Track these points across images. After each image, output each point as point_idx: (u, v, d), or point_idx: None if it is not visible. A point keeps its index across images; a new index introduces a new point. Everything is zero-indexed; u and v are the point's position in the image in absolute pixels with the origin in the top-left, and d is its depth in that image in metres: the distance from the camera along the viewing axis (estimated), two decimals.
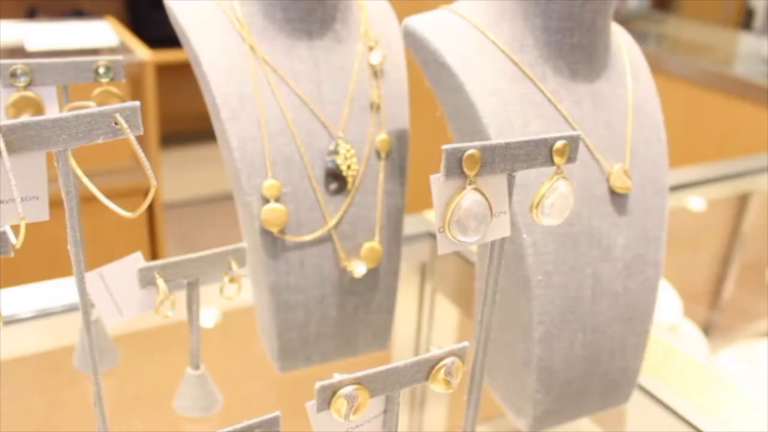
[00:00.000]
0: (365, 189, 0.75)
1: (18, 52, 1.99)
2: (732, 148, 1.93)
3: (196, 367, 0.72)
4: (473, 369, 0.60)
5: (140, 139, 0.51)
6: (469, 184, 0.51)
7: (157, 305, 0.67)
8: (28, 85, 0.69)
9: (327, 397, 0.47)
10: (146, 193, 2.22)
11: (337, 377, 0.48)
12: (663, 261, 0.73)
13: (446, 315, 1.03)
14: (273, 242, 0.72)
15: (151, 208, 2.19)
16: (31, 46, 1.89)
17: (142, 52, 2.00)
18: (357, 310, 0.77)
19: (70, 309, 0.89)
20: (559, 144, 0.54)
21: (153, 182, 0.52)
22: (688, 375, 0.85)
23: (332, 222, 0.73)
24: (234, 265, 0.68)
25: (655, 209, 0.72)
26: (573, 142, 0.54)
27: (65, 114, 0.50)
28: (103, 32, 2.08)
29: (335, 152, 0.73)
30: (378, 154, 0.75)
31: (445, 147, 0.50)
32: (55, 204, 0.53)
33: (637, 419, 0.80)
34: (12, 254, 0.59)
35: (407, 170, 0.77)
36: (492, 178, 0.52)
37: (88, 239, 1.07)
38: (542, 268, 0.67)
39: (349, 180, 0.73)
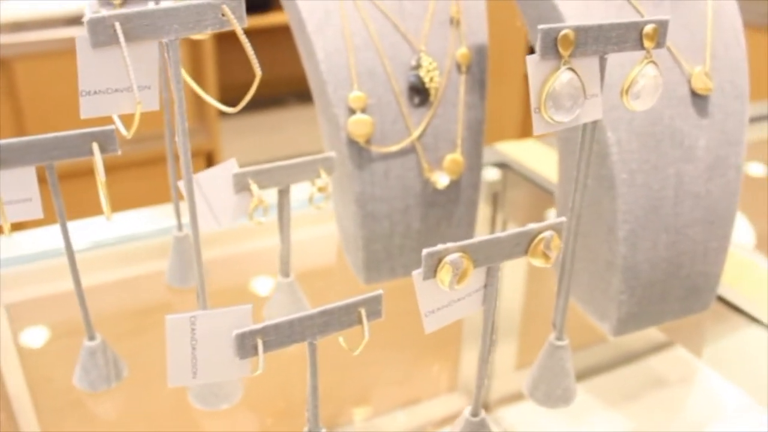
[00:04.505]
0: (447, 102, 0.77)
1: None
2: None
3: (287, 275, 0.75)
4: (564, 257, 0.61)
5: (201, 106, 0.53)
6: (564, 64, 0.53)
7: (250, 211, 0.69)
8: (123, 4, 0.72)
9: (433, 264, 0.49)
10: (207, 154, 2.24)
11: (441, 246, 0.50)
12: (743, 166, 0.73)
13: None
14: (359, 153, 0.74)
15: None
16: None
17: None
18: (439, 223, 0.79)
19: (154, 235, 0.93)
20: (649, 28, 0.55)
21: (258, 72, 0.55)
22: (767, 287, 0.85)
23: (416, 133, 0.75)
24: (323, 173, 0.70)
25: (736, 113, 0.72)
26: (662, 27, 0.55)
27: (176, 4, 0.53)
28: None
29: (418, 66, 0.75)
30: (458, 68, 0.77)
31: (540, 27, 0.51)
32: (132, 165, 0.56)
33: (717, 328, 0.80)
34: (119, 152, 0.62)
35: (487, 84, 0.79)
36: (585, 61, 0.54)
37: (151, 200, 1.10)
38: (627, 167, 0.68)
39: (432, 93, 0.75)
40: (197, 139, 2.14)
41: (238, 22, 0.54)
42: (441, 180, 0.76)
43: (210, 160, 2.21)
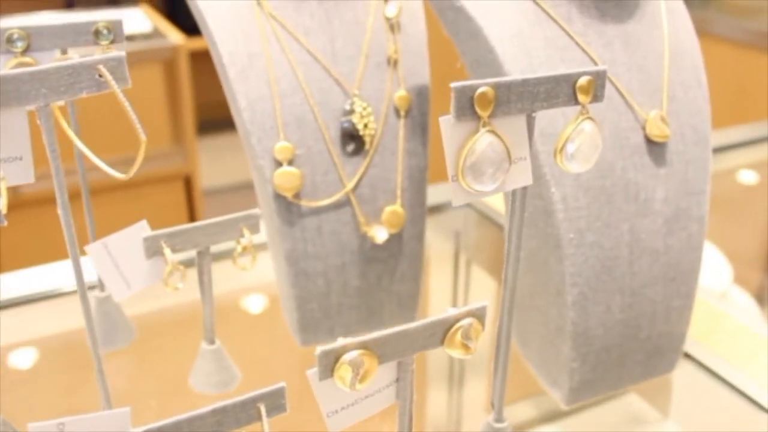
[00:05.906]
0: (384, 149, 0.70)
1: None
2: None
3: (211, 342, 0.69)
4: (499, 335, 0.55)
5: (176, 126, 0.48)
6: (483, 126, 0.47)
7: (165, 276, 0.63)
8: (26, 51, 0.66)
9: (329, 363, 0.43)
10: (185, 177, 2.18)
11: (341, 341, 0.44)
12: (707, 216, 0.67)
13: (482, 286, 0.98)
14: (288, 208, 0.68)
15: (190, 195, 2.17)
16: None
17: (175, 37, 1.98)
18: (380, 279, 0.73)
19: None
20: (583, 80, 0.48)
21: (142, 137, 0.49)
22: (740, 342, 0.79)
23: (350, 185, 0.69)
24: (246, 233, 0.64)
25: (697, 159, 0.66)
26: (599, 78, 0.49)
27: (45, 66, 0.47)
28: (136, 19, 2.06)
29: (351, 111, 0.68)
30: (397, 112, 0.71)
31: (453, 85, 0.45)
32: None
33: (685, 389, 0.74)
34: (5, 223, 0.56)
35: (429, 128, 0.73)
36: (509, 120, 0.48)
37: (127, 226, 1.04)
38: (574, 225, 0.62)
39: (367, 140, 0.69)
40: (174, 163, 2.07)
41: (118, 83, 0.48)
42: (379, 234, 0.70)
43: (188, 184, 2.14)
